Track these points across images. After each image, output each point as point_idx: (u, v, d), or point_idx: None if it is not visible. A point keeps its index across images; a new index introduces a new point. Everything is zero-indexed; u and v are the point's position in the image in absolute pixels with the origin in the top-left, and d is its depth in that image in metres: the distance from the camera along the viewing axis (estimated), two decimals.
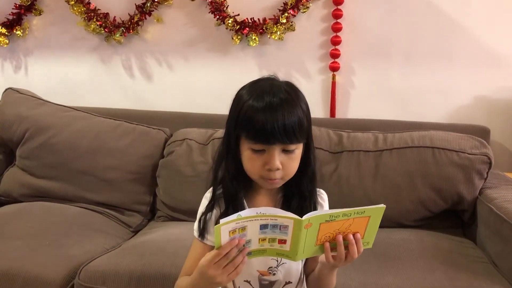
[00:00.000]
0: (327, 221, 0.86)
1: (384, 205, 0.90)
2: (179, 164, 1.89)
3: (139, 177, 1.96)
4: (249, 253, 0.89)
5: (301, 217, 0.86)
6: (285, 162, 0.95)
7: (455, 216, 1.78)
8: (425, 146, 1.73)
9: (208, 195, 1.06)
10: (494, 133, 2.03)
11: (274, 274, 1.03)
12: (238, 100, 0.98)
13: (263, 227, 0.85)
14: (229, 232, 0.85)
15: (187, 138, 1.95)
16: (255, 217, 0.85)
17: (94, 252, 1.58)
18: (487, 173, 1.68)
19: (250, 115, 0.93)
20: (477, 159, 1.67)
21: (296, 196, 1.02)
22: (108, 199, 1.95)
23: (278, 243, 0.87)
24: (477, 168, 1.67)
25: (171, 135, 2.02)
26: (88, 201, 1.94)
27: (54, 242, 1.61)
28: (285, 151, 0.95)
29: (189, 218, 1.83)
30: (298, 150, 0.98)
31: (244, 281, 1.03)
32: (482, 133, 1.92)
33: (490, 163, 1.67)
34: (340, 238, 0.89)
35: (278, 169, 0.95)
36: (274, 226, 0.86)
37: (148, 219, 1.98)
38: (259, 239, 0.87)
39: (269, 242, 0.88)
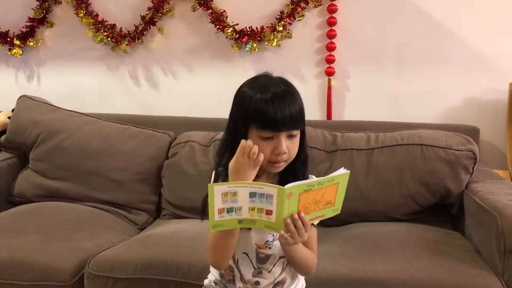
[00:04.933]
0: (305, 190, 0.96)
1: (349, 171, 1.01)
2: (182, 165, 2.00)
3: (145, 177, 2.07)
4: (240, 221, 0.99)
5: None
6: (290, 146, 1.08)
7: (445, 211, 1.87)
8: (414, 143, 1.82)
9: (212, 178, 1.15)
10: (483, 132, 2.11)
11: (270, 248, 1.12)
12: (243, 97, 1.09)
13: (252, 195, 0.96)
14: (222, 194, 0.96)
15: (190, 140, 2.06)
16: (245, 183, 0.97)
17: (103, 245, 1.68)
18: (473, 168, 1.77)
19: (260, 107, 1.05)
20: (463, 155, 1.76)
21: (290, 177, 1.13)
22: (116, 198, 2.06)
23: (265, 213, 0.97)
24: (463, 163, 1.76)
25: (175, 138, 2.13)
26: (97, 201, 2.05)
27: (66, 237, 1.72)
28: (289, 136, 1.08)
29: (193, 216, 1.94)
30: (298, 135, 1.11)
31: (243, 253, 1.13)
32: (472, 132, 2.00)
33: (475, 159, 1.76)
34: (296, 215, 0.99)
35: (285, 153, 1.07)
36: (261, 195, 0.96)
37: (154, 217, 2.09)
38: (249, 208, 0.98)
39: (257, 213, 0.98)
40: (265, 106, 1.04)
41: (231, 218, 0.98)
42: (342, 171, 1.01)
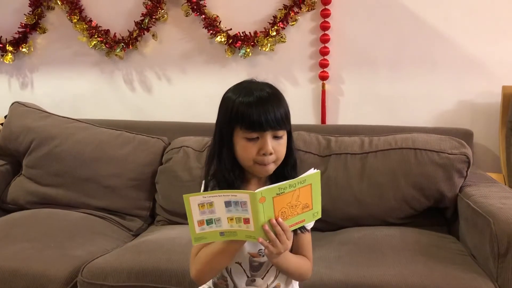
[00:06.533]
0: (278, 194, 0.95)
1: (319, 170, 1.00)
2: (176, 170, 1.99)
3: (139, 183, 2.06)
4: (222, 234, 0.99)
5: None
6: (276, 147, 1.08)
7: (439, 214, 1.87)
8: (407, 147, 1.82)
9: (202, 188, 1.15)
10: (477, 135, 2.12)
11: (263, 256, 1.12)
12: (227, 101, 1.10)
13: (227, 204, 0.96)
14: (199, 205, 0.96)
15: (184, 146, 2.05)
16: (218, 192, 0.96)
17: (96, 252, 1.67)
18: (467, 171, 1.77)
19: (243, 109, 1.05)
20: (456, 159, 1.76)
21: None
22: (110, 204, 2.05)
23: (244, 222, 0.96)
24: (457, 167, 1.75)
25: (169, 143, 2.12)
26: (90, 207, 2.04)
27: (59, 244, 1.71)
28: (275, 137, 1.08)
29: (187, 221, 1.92)
30: (284, 137, 1.11)
31: (236, 262, 1.12)
32: (465, 136, 2.01)
33: (469, 162, 1.76)
34: (274, 221, 0.97)
35: (271, 153, 1.07)
36: (236, 203, 0.95)
37: (148, 223, 2.08)
38: (227, 219, 0.97)
39: (236, 223, 0.97)
40: (248, 108, 1.05)
41: (212, 230, 0.97)
42: (312, 171, 1.00)
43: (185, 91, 2.42)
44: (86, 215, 1.99)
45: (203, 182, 1.15)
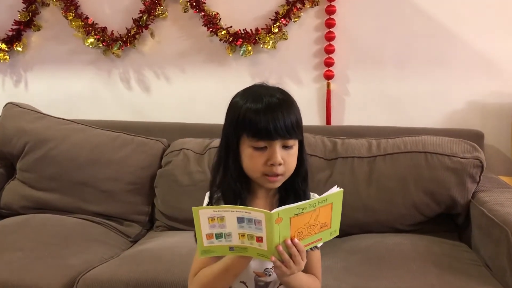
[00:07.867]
0: (296, 214, 0.89)
1: (342, 189, 0.93)
2: (176, 174, 1.92)
3: (138, 187, 1.99)
4: (232, 249, 0.92)
5: None
6: (285, 158, 1.00)
7: (450, 221, 1.80)
8: (417, 151, 1.74)
9: (206, 200, 1.08)
10: (488, 137, 2.04)
11: (269, 275, 1.05)
12: (235, 106, 1.03)
13: (240, 220, 0.89)
14: (208, 219, 0.89)
15: (184, 148, 1.97)
16: (231, 207, 0.89)
17: (92, 261, 1.61)
18: (480, 176, 1.69)
19: (250, 115, 0.98)
20: (469, 163, 1.68)
21: (291, 195, 1.05)
22: (107, 209, 1.98)
23: (256, 240, 0.90)
24: (469, 171, 1.68)
25: (169, 146, 2.05)
26: (87, 212, 1.97)
27: (54, 253, 1.64)
28: (285, 147, 1.00)
29: (187, 227, 1.86)
30: (295, 146, 1.03)
31: (240, 282, 1.05)
32: (476, 137, 1.94)
33: (482, 167, 1.69)
34: (289, 241, 0.90)
35: (280, 164, 0.99)
36: (250, 221, 0.89)
37: (147, 229, 2.00)
38: (239, 235, 0.90)
39: (248, 240, 0.90)
40: (256, 114, 0.98)
41: (221, 244, 0.91)
42: (335, 189, 0.93)
43: (184, 91, 2.34)
44: (82, 220, 1.92)
45: (207, 193, 1.08)
